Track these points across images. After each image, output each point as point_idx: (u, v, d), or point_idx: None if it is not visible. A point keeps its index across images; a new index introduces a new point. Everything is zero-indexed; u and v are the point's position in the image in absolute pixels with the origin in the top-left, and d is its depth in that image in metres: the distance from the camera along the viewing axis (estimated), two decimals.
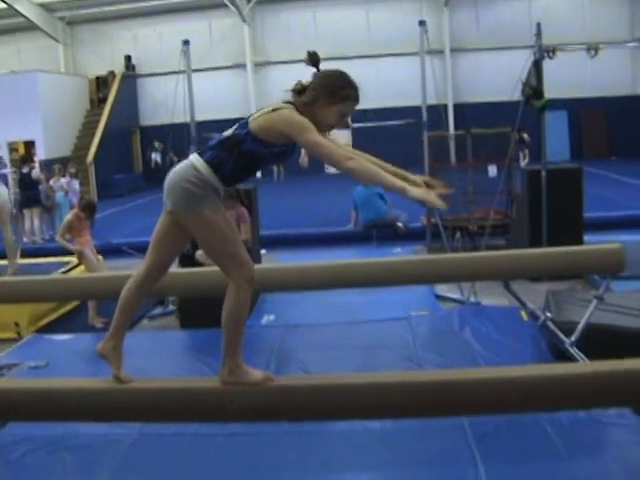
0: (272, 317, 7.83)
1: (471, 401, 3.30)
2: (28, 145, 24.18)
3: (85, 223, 8.47)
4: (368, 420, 4.36)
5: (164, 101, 21.28)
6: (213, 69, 27.64)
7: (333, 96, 3.14)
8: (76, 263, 9.06)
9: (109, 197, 23.31)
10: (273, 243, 11.81)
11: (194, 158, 3.18)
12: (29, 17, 26.41)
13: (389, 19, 27.49)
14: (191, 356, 6.61)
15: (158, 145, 27.09)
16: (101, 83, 28.59)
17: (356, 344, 6.48)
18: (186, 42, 10.49)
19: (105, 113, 26.96)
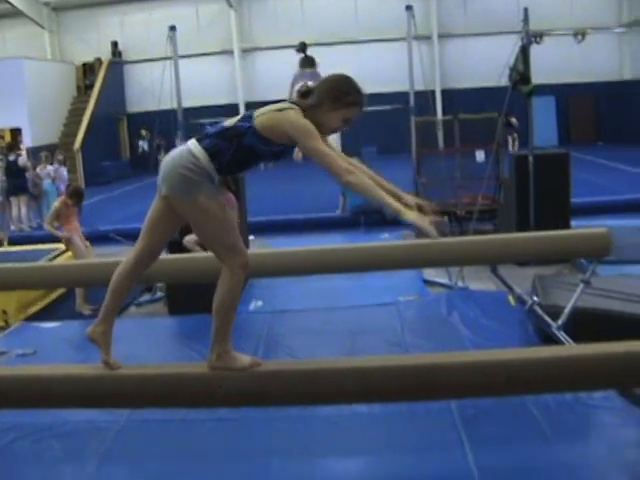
0: (260, 303, 7.86)
1: (457, 384, 3.31)
2: (14, 132, 24.05)
3: (73, 210, 8.44)
4: (355, 404, 4.38)
5: (151, 88, 21.17)
6: (200, 55, 27.42)
7: (338, 101, 3.16)
8: (63, 250, 9.03)
9: (96, 184, 23.16)
10: (261, 229, 11.81)
11: (192, 144, 3.17)
12: (14, 3, 26.14)
13: (376, 5, 27.34)
14: (179, 343, 6.62)
15: (145, 134, 27.09)
16: (88, 70, 28.35)
17: (344, 329, 6.50)
18: (173, 28, 10.45)
19: (92, 100, 26.78)
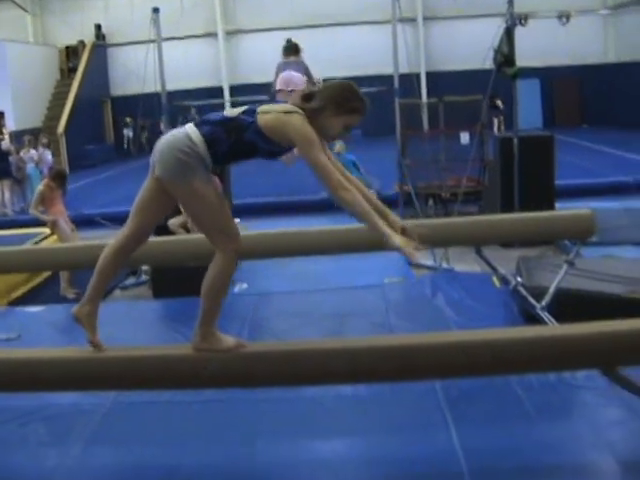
0: (245, 285, 7.86)
1: (441, 365, 3.33)
2: None
3: (57, 193, 8.41)
4: (341, 385, 4.39)
5: (135, 71, 20.93)
6: (184, 38, 27.20)
7: (340, 107, 3.16)
8: (48, 234, 8.99)
9: (81, 168, 23.03)
10: (247, 212, 11.77)
11: (190, 129, 3.16)
12: None
13: None
14: (165, 325, 6.62)
15: (130, 121, 26.93)
16: (71, 53, 28.08)
17: (329, 312, 6.51)
18: (156, 10, 10.35)
19: (75, 83, 26.56)
